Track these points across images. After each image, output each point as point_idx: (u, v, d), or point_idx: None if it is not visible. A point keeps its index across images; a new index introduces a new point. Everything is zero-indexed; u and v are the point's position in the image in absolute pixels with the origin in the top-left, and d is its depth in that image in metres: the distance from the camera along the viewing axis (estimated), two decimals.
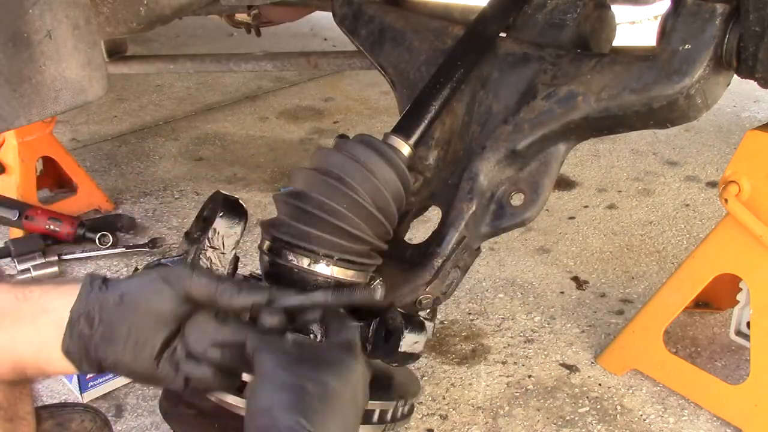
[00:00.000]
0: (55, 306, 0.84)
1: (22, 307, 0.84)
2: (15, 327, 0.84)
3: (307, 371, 0.80)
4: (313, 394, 0.79)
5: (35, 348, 0.84)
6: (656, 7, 1.79)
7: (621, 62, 1.21)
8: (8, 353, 0.84)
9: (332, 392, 0.80)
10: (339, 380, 0.82)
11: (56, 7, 1.09)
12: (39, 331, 0.84)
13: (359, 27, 1.56)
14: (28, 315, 0.84)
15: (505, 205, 1.28)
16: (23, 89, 1.08)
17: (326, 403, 0.79)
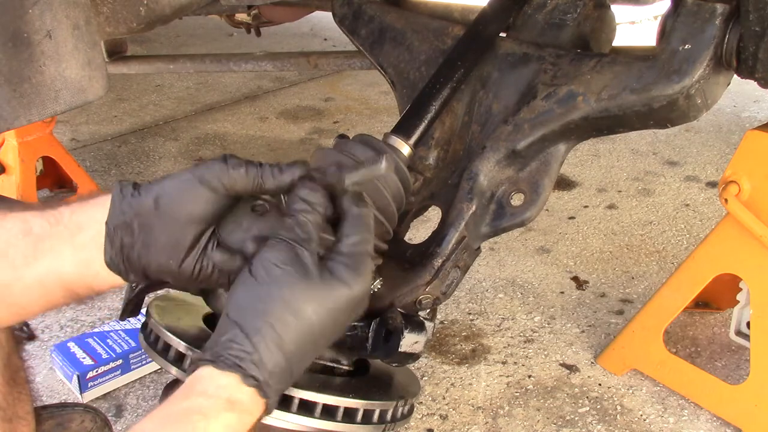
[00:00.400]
0: (90, 221, 0.83)
1: (57, 230, 0.83)
2: (54, 250, 0.82)
3: (295, 292, 0.79)
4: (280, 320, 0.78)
5: (79, 267, 0.83)
6: (656, 7, 1.79)
7: (621, 62, 1.21)
8: (54, 277, 0.83)
9: (304, 325, 0.80)
10: (318, 313, 0.81)
11: (56, 7, 1.09)
12: (79, 250, 0.83)
13: (359, 27, 1.56)
14: (64, 236, 0.83)
15: (505, 205, 1.28)
16: (23, 89, 1.08)
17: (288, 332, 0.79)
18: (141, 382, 1.78)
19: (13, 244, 0.83)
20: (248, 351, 0.77)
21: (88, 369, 1.71)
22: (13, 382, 1.12)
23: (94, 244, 0.83)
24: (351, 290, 0.83)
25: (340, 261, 0.84)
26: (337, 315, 0.83)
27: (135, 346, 1.78)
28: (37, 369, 1.81)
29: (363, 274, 0.84)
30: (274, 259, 0.80)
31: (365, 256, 0.85)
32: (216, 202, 0.84)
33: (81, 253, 0.83)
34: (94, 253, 0.83)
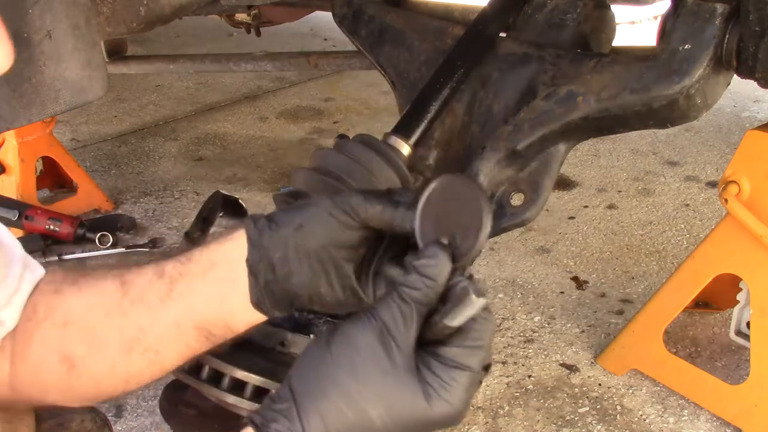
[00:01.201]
0: (223, 258, 0.80)
1: (189, 268, 0.80)
2: (188, 289, 0.80)
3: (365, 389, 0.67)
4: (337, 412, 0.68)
5: (215, 305, 0.80)
6: (656, 7, 1.79)
7: (621, 62, 1.21)
8: (190, 318, 0.81)
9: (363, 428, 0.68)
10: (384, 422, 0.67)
11: (56, 7, 1.09)
12: (214, 288, 0.80)
13: (359, 27, 1.56)
14: (197, 273, 0.80)
15: (505, 205, 1.28)
16: (23, 89, 1.08)
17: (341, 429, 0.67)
18: None
19: (148, 288, 0.81)
20: (294, 431, 0.68)
21: None
22: None
23: (229, 279, 0.79)
24: (433, 411, 0.67)
25: (434, 370, 0.67)
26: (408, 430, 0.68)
27: None
28: None
29: (456, 396, 0.67)
30: (353, 337, 0.69)
31: (468, 373, 0.67)
32: (360, 229, 0.78)
33: (215, 291, 0.80)
34: (230, 289, 0.80)
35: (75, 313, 0.83)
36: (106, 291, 0.83)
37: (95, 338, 0.83)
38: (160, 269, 0.82)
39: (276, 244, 0.78)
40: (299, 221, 0.78)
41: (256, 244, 0.79)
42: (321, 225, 0.78)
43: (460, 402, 0.67)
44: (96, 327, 0.82)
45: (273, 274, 0.79)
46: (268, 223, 0.79)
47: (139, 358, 0.84)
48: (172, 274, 0.81)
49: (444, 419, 0.68)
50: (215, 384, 1.01)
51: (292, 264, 0.78)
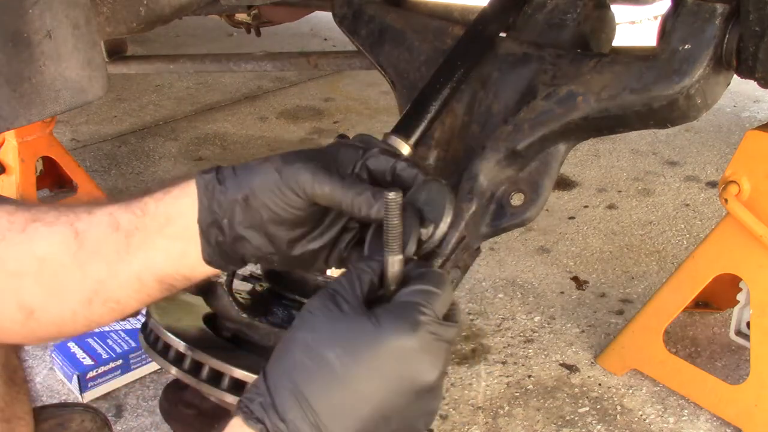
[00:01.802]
0: (177, 213, 0.81)
1: (144, 222, 0.81)
2: (146, 244, 0.81)
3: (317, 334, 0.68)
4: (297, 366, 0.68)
5: (174, 260, 0.82)
6: (656, 7, 1.79)
7: (621, 62, 1.21)
8: (150, 272, 0.82)
9: (326, 372, 0.67)
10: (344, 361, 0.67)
11: (56, 7, 1.09)
12: (171, 244, 0.81)
13: (359, 27, 1.56)
14: (153, 228, 0.81)
15: (505, 205, 1.28)
16: (23, 89, 1.08)
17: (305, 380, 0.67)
18: (141, 382, 1.78)
19: (104, 241, 0.81)
20: (260, 393, 0.70)
21: (88, 369, 1.71)
22: (11, 382, 1.11)
23: (185, 236, 0.81)
24: (384, 336, 0.66)
25: (385, 307, 0.69)
26: (372, 368, 0.67)
27: (135, 346, 1.78)
28: (37, 369, 1.81)
29: (407, 324, 0.67)
30: (309, 305, 0.71)
31: (419, 307, 0.68)
32: (305, 206, 0.79)
33: (174, 246, 0.81)
34: (187, 245, 0.81)
35: (27, 262, 0.82)
36: (60, 241, 0.81)
37: (53, 288, 0.82)
38: (114, 221, 0.81)
39: (224, 210, 0.80)
40: (246, 192, 0.79)
41: (205, 206, 0.80)
42: (267, 200, 0.79)
43: (413, 331, 0.67)
44: (52, 278, 0.82)
45: (223, 236, 0.80)
46: (217, 185, 0.80)
47: (100, 308, 0.84)
48: (127, 227, 0.81)
49: (401, 348, 0.67)
50: (215, 384, 1.01)
51: (240, 230, 0.80)
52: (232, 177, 0.81)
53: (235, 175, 0.81)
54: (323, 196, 0.78)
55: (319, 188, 0.77)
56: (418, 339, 0.67)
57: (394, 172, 0.81)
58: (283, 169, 0.79)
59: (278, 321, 1.10)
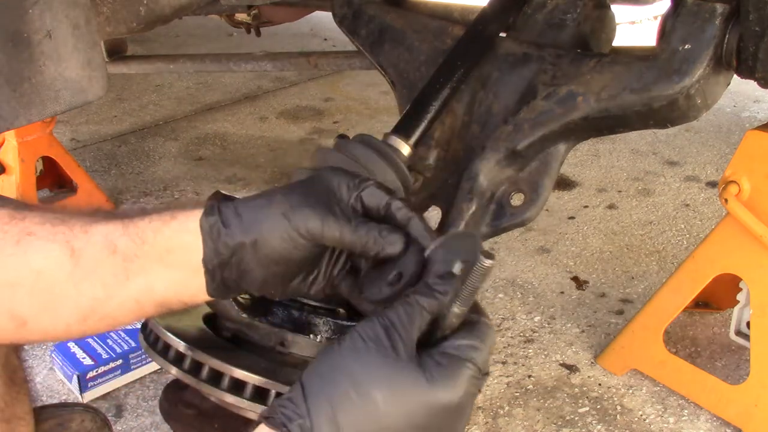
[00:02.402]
0: (177, 246, 0.82)
1: (144, 250, 0.82)
2: (146, 271, 0.82)
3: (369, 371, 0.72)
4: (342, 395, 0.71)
5: (175, 289, 0.83)
6: (656, 7, 1.79)
7: (621, 62, 1.21)
8: (149, 296, 0.83)
9: (367, 409, 0.71)
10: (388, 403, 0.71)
11: (56, 7, 1.09)
12: (173, 274, 0.82)
13: (359, 27, 1.56)
14: (153, 257, 0.82)
15: (505, 205, 1.28)
16: (23, 89, 1.08)
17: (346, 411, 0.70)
18: (141, 382, 1.78)
19: (101, 262, 0.81)
20: (300, 414, 0.71)
21: (88, 369, 1.71)
22: (11, 382, 1.11)
23: (187, 268, 0.82)
24: (434, 393, 0.71)
25: (436, 359, 0.73)
26: (412, 416, 0.71)
27: (135, 346, 1.78)
28: (37, 369, 1.81)
29: (457, 382, 0.72)
30: (362, 332, 0.74)
31: (468, 364, 0.73)
32: (313, 248, 0.82)
33: (174, 276, 0.83)
34: (189, 277, 0.82)
35: (22, 276, 0.82)
36: (55, 258, 0.82)
37: (47, 303, 0.83)
38: (110, 244, 0.82)
39: (230, 251, 0.81)
40: (254, 236, 0.81)
41: (211, 247, 0.81)
42: (275, 244, 0.81)
43: (461, 389, 0.72)
44: (47, 293, 0.82)
45: (230, 273, 0.82)
46: (222, 227, 0.81)
47: (95, 324, 0.85)
48: (125, 252, 0.81)
49: (445, 405, 0.72)
50: (215, 384, 1.01)
51: (247, 267, 0.82)
52: (237, 220, 0.81)
53: (240, 218, 0.81)
54: (332, 240, 0.81)
55: (329, 233, 0.81)
56: (462, 396, 0.72)
57: (388, 210, 0.85)
58: (291, 214, 0.80)
59: (278, 321, 1.09)
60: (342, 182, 0.85)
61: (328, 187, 0.85)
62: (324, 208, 0.81)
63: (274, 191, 0.83)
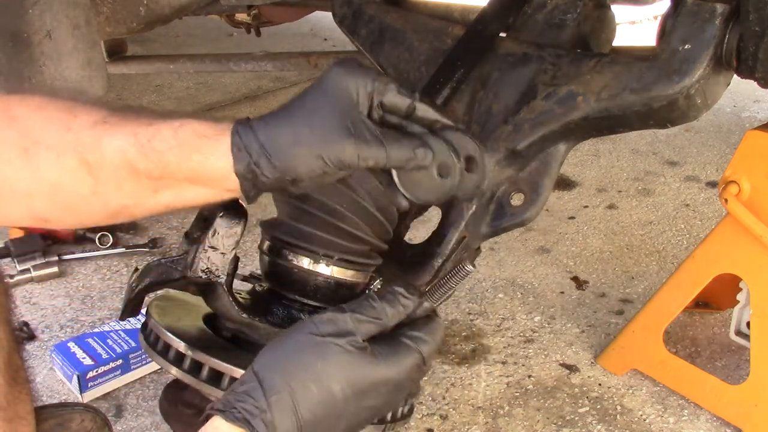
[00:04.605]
0: (205, 174, 0.83)
1: (171, 171, 0.83)
2: (173, 188, 0.84)
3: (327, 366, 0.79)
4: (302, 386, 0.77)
5: (206, 199, 0.87)
6: (656, 7, 1.79)
7: (621, 62, 1.21)
8: (178, 202, 0.86)
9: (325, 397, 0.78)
10: (344, 389, 0.79)
11: (56, 7, 1.09)
12: (203, 190, 0.85)
13: (359, 27, 1.56)
14: (181, 178, 0.83)
15: (505, 205, 1.28)
16: (23, 89, 1.08)
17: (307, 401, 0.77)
18: (141, 382, 1.78)
19: (124, 180, 0.82)
20: (261, 408, 0.75)
21: (88, 369, 1.71)
22: (13, 382, 1.12)
23: (220, 188, 0.84)
24: (383, 370, 0.81)
25: (390, 344, 0.83)
26: (363, 395, 0.80)
27: (135, 346, 1.78)
28: (37, 369, 1.81)
29: (402, 361, 0.83)
30: (319, 325, 0.81)
31: (416, 353, 0.84)
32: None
33: (206, 192, 0.85)
34: (222, 192, 0.85)
35: (38, 187, 0.82)
36: (71, 172, 0.82)
37: (70, 209, 0.86)
38: (128, 165, 0.82)
39: (270, 185, 0.84)
40: (292, 176, 0.82)
41: (250, 184, 0.83)
42: (314, 179, 0.84)
43: (403, 370, 0.82)
44: (69, 203, 0.84)
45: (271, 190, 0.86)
46: (257, 169, 0.82)
47: (125, 218, 0.89)
48: (148, 173, 0.82)
49: (386, 379, 0.81)
50: (215, 384, 1.01)
51: (289, 189, 0.86)
52: (268, 162, 0.81)
53: (272, 160, 0.81)
54: (368, 167, 0.83)
55: (364, 162, 0.82)
56: (404, 377, 0.83)
57: (412, 114, 0.86)
58: (324, 152, 0.80)
59: (278, 321, 1.09)
60: (360, 86, 0.83)
61: (347, 99, 0.83)
62: (354, 138, 0.81)
63: (296, 118, 0.82)
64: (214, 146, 0.82)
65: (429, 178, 0.87)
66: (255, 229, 1.12)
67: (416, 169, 0.85)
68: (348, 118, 0.81)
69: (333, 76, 0.84)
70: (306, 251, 1.07)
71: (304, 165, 0.81)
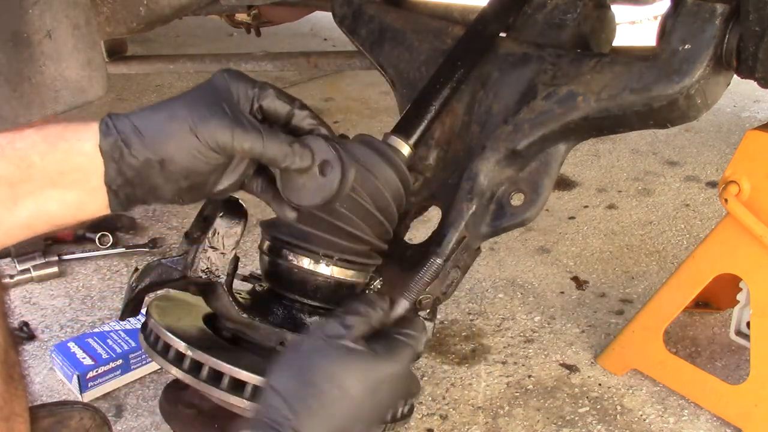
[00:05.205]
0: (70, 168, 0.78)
1: (30, 174, 0.77)
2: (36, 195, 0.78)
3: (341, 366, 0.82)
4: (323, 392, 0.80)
5: (72, 209, 0.80)
6: (656, 7, 1.79)
7: (621, 62, 1.21)
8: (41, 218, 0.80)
9: (346, 398, 0.81)
10: (359, 388, 0.82)
11: (56, 7, 1.09)
12: (66, 194, 0.79)
13: (359, 27, 1.56)
14: (43, 181, 0.78)
15: (505, 205, 1.28)
16: (23, 89, 1.08)
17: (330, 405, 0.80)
18: (141, 382, 1.78)
19: None
20: (288, 417, 0.76)
21: (88, 369, 1.71)
22: (9, 379, 1.11)
23: (84, 188, 0.79)
24: (388, 366, 0.86)
25: (387, 343, 0.89)
26: (376, 391, 0.84)
27: (135, 346, 1.78)
28: (37, 369, 1.81)
29: (400, 359, 0.88)
30: (328, 335, 0.84)
31: (409, 348, 0.90)
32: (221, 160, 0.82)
33: (70, 196, 0.79)
34: (87, 197, 0.79)
35: None
36: None
37: None
38: None
39: (136, 171, 0.78)
40: (161, 155, 0.78)
41: (115, 169, 0.78)
42: (185, 161, 0.79)
43: (402, 364, 0.88)
44: None
45: (134, 191, 0.80)
46: (125, 148, 0.78)
47: None
48: (8, 178, 0.77)
49: (391, 375, 0.86)
50: (215, 384, 1.01)
51: (156, 183, 0.80)
52: (139, 138, 0.78)
53: (142, 136, 0.78)
54: (242, 152, 0.81)
55: (239, 145, 0.80)
56: (402, 369, 0.89)
57: (291, 119, 0.86)
58: (198, 129, 0.78)
59: (278, 321, 1.09)
60: (240, 89, 0.84)
61: (228, 94, 0.82)
62: (230, 119, 0.79)
63: (174, 102, 0.81)
64: (81, 131, 0.78)
65: (312, 179, 0.86)
66: (255, 229, 1.12)
67: (299, 172, 0.85)
68: (228, 105, 0.81)
69: (217, 77, 0.84)
70: (306, 251, 1.07)
71: (176, 140, 0.78)
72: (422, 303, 1.24)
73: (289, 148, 0.82)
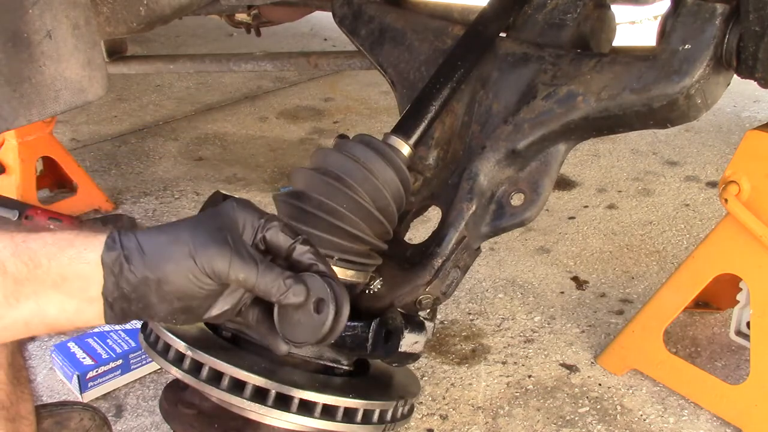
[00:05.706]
0: (73, 275, 0.80)
1: (36, 274, 0.80)
2: (38, 295, 0.80)
3: None
4: None
5: (68, 316, 0.82)
6: (656, 7, 1.79)
7: (621, 62, 1.21)
8: (39, 320, 0.81)
9: None
10: None
11: (56, 7, 1.09)
12: (66, 301, 0.81)
13: (359, 27, 1.56)
14: (46, 283, 0.80)
15: (505, 205, 1.28)
16: (23, 89, 1.08)
17: None
18: (141, 382, 1.78)
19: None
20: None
21: (88, 369, 1.71)
22: (16, 381, 1.12)
23: (83, 297, 0.81)
24: None
25: None
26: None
27: (135, 346, 1.78)
28: (37, 369, 1.81)
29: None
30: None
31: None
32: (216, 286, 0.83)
33: (69, 303, 0.82)
34: (85, 306, 0.82)
35: None
36: None
37: None
38: (1, 267, 0.79)
39: (133, 287, 0.81)
40: (158, 275, 0.81)
41: (112, 282, 0.80)
42: (180, 284, 0.81)
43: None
44: None
45: (129, 306, 0.82)
46: (125, 263, 0.80)
47: None
48: (16, 275, 0.79)
49: None
50: (215, 384, 1.01)
51: (150, 302, 0.82)
52: (140, 256, 0.81)
53: (144, 255, 0.81)
54: (237, 282, 0.83)
55: (234, 275, 0.82)
56: None
57: (292, 253, 0.87)
58: (197, 254, 0.81)
59: None
60: (247, 220, 0.86)
61: (233, 224, 0.85)
62: (230, 249, 0.82)
63: (180, 226, 0.84)
64: (90, 241, 0.81)
65: (307, 316, 0.86)
66: None
67: (294, 308, 0.85)
68: (231, 234, 0.84)
69: (226, 206, 0.87)
70: None
71: (174, 262, 0.80)
72: (422, 303, 1.24)
73: (282, 283, 0.84)
